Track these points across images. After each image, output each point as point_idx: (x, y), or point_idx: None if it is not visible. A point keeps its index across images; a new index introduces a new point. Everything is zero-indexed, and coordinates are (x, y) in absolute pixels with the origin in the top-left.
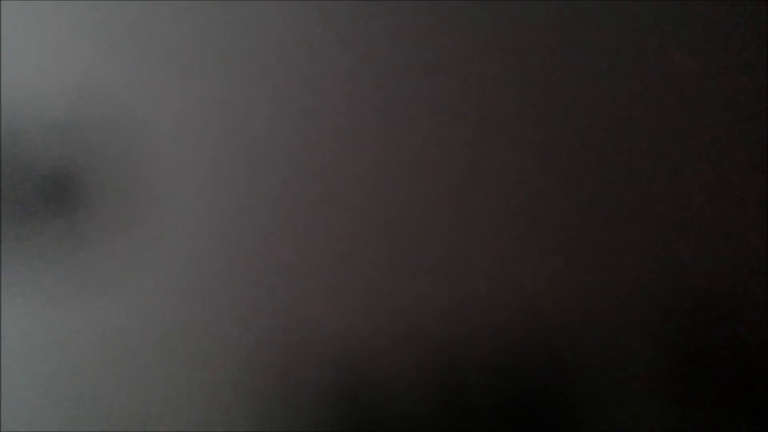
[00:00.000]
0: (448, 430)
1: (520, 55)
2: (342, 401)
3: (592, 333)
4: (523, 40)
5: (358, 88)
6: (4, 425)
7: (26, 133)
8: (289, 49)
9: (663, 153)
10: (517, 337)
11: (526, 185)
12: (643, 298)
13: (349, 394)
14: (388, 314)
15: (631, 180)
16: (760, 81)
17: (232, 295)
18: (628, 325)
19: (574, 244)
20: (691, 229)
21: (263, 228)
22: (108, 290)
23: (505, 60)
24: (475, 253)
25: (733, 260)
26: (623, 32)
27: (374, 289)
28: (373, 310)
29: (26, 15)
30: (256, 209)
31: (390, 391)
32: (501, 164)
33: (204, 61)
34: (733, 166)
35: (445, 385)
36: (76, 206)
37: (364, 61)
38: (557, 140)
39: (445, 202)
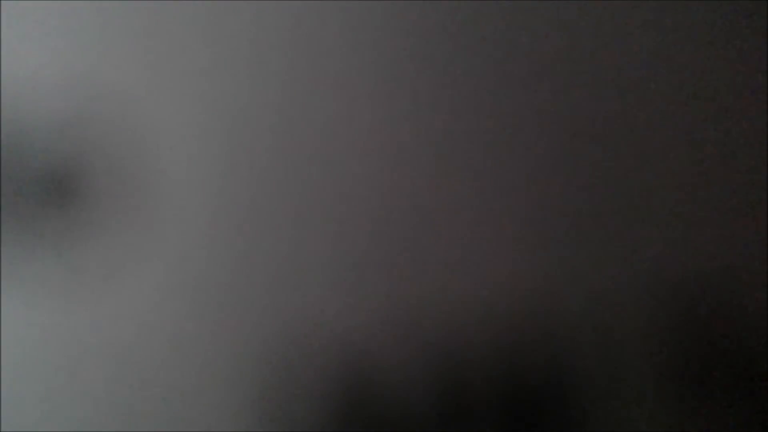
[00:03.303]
0: (448, 430)
1: (521, 53)
2: (342, 400)
3: (593, 332)
4: (523, 40)
5: (361, 88)
6: (4, 425)
7: (27, 130)
8: (294, 49)
9: (663, 152)
10: (517, 335)
11: (527, 184)
12: (644, 298)
13: (348, 393)
14: (387, 313)
15: (631, 180)
16: (760, 81)
17: (233, 293)
18: (629, 324)
19: (574, 244)
20: (691, 229)
21: (264, 226)
22: (109, 289)
23: (505, 58)
24: (475, 251)
25: (733, 260)
26: (623, 32)
27: (374, 289)
28: (373, 309)
29: (27, 11)
30: (257, 207)
31: (390, 390)
32: (500, 162)
33: (207, 59)
34: (733, 165)
35: (445, 384)
36: (78, 204)
37: (367, 62)
38: (557, 138)
39: (445, 200)
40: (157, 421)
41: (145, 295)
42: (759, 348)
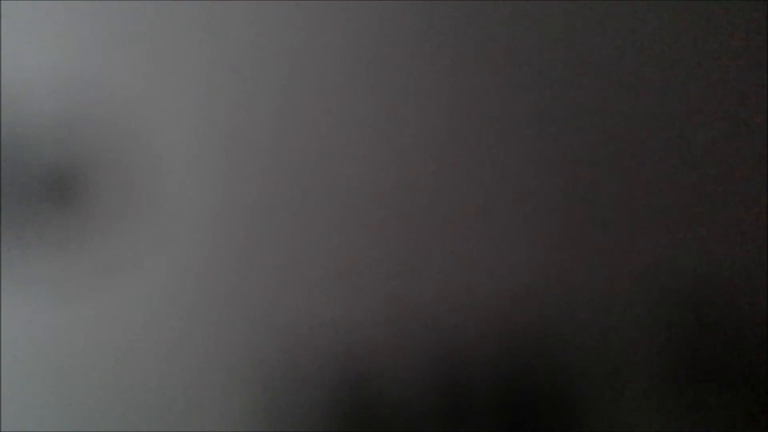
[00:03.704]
0: (449, 430)
1: (520, 53)
2: (342, 400)
3: (593, 332)
4: (523, 39)
5: (361, 88)
6: (4, 425)
7: (27, 130)
8: (294, 49)
9: (663, 152)
10: (517, 335)
11: (528, 184)
12: (644, 298)
13: (349, 393)
14: (388, 313)
15: (631, 180)
16: (760, 81)
17: (235, 294)
18: (629, 324)
19: (574, 244)
20: (691, 229)
21: (265, 226)
22: (109, 289)
23: (504, 58)
24: (475, 251)
25: (733, 260)
26: (623, 32)
27: (375, 289)
28: (373, 309)
29: (27, 11)
30: (257, 207)
31: (390, 390)
32: (500, 163)
33: (207, 59)
34: (733, 165)
35: (445, 384)
36: (78, 204)
37: (368, 62)
38: (557, 138)
39: (445, 200)
40: (157, 421)
41: (145, 295)
42: (759, 348)
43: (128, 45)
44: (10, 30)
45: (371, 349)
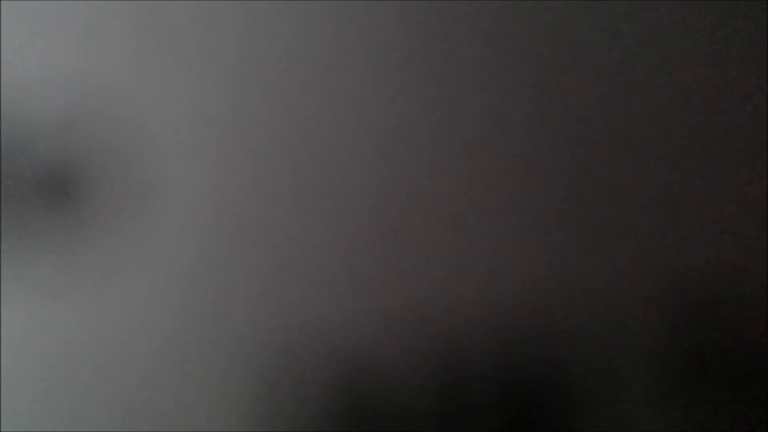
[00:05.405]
0: (448, 428)
1: (522, 54)
2: (342, 400)
3: (593, 331)
4: (523, 40)
5: (361, 87)
6: (4, 425)
7: (27, 130)
8: (293, 47)
9: (663, 151)
10: (516, 335)
11: (527, 183)
12: (644, 297)
13: (349, 392)
14: (388, 312)
15: (631, 180)
16: (760, 81)
17: (233, 292)
18: (630, 324)
19: (574, 243)
20: (691, 228)
21: (264, 225)
22: (109, 288)
23: (506, 59)
24: (474, 250)
25: (733, 259)
26: (623, 32)
27: (374, 288)
28: (373, 308)
29: (27, 11)
30: (257, 206)
31: (390, 389)
32: (500, 161)
33: (207, 57)
34: (733, 165)
35: (445, 383)
36: (78, 203)
37: (368, 61)
38: (557, 138)
39: (444, 200)
40: (157, 420)
41: (144, 295)
42: (759, 347)
43: (128, 44)
44: (10, 30)
45: (370, 348)
